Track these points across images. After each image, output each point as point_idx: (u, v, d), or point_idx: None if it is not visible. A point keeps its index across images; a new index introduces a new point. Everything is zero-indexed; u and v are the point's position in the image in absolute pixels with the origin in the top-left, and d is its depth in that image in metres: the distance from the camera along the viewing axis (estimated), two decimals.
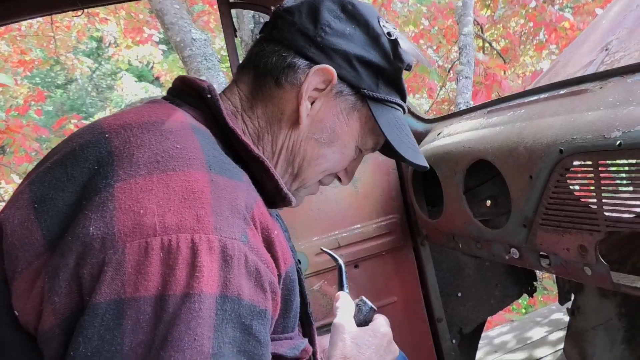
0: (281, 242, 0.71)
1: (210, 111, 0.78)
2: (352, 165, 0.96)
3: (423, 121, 1.85)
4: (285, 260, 0.72)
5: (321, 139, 0.86)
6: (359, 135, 0.90)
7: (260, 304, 0.62)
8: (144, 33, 6.83)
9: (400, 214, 1.86)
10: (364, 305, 1.02)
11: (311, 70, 0.81)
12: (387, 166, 1.86)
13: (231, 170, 0.67)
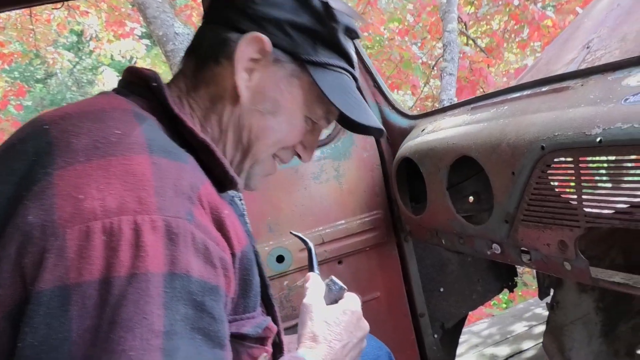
0: (233, 222, 0.72)
1: (156, 99, 0.78)
2: (309, 140, 0.94)
3: (407, 117, 1.85)
4: (239, 240, 0.73)
5: (264, 110, 0.84)
6: (304, 103, 0.87)
7: (211, 280, 0.62)
8: (126, 27, 6.73)
9: (384, 209, 1.87)
10: (333, 285, 1.02)
11: (241, 41, 0.80)
12: (372, 162, 1.86)
13: (175, 153, 0.67)
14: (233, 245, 0.71)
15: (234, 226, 0.72)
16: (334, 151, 1.82)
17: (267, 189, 1.74)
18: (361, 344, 0.94)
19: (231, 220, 0.71)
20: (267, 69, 0.83)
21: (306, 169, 1.78)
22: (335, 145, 1.82)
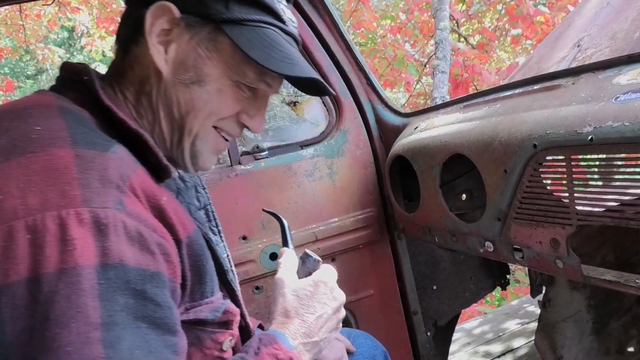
0: (175, 209, 0.73)
1: (89, 92, 0.77)
2: (252, 107, 0.88)
3: (400, 115, 1.86)
4: (184, 226, 0.74)
5: (188, 81, 0.81)
6: (228, 67, 0.82)
7: (150, 266, 0.62)
8: (117, 23, 6.68)
9: (378, 207, 1.87)
10: (307, 258, 0.99)
11: (147, 13, 0.78)
12: (365, 160, 1.86)
13: (102, 144, 0.67)
14: (177, 231, 0.71)
15: (176, 213, 0.72)
16: (327, 149, 1.82)
17: (259, 187, 1.73)
18: (338, 315, 0.93)
19: (172, 207, 0.72)
20: (181, 38, 0.80)
21: (299, 167, 1.78)
22: (329, 143, 1.82)
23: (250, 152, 1.76)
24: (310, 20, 1.74)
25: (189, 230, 0.75)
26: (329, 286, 0.93)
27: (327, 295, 0.91)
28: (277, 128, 2.41)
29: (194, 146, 0.85)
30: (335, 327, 0.93)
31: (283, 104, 2.25)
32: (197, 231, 0.78)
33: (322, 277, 0.93)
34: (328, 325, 0.90)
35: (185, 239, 0.73)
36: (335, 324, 0.93)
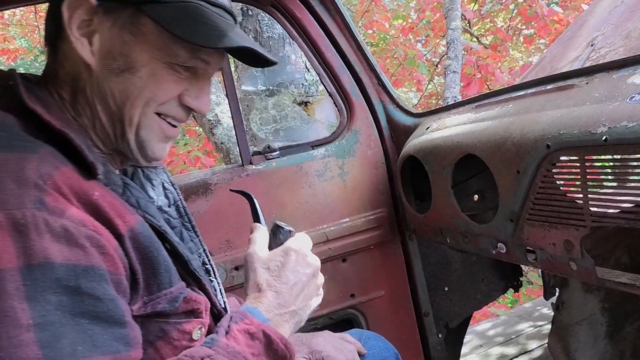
0: (112, 203, 0.73)
1: (14, 97, 0.76)
2: (194, 88, 0.85)
3: (411, 115, 1.85)
4: (124, 219, 0.73)
5: (118, 70, 0.79)
6: (157, 49, 0.79)
7: (81, 261, 0.62)
8: None
9: (389, 207, 1.86)
10: (278, 230, 0.97)
11: (63, 7, 0.76)
12: (376, 160, 1.86)
13: (20, 146, 0.67)
14: (116, 225, 0.71)
15: (113, 207, 0.72)
16: (338, 149, 1.81)
17: (270, 187, 1.74)
18: (315, 280, 0.92)
19: (108, 202, 0.72)
20: (103, 26, 0.78)
21: (311, 167, 1.78)
22: (340, 143, 1.82)
23: (262, 152, 1.76)
24: (322, 21, 1.74)
25: (131, 223, 0.74)
26: (301, 253, 0.92)
27: (300, 263, 0.90)
28: (288, 128, 2.41)
29: (138, 136, 0.83)
30: (314, 293, 0.92)
31: (294, 104, 2.26)
32: (143, 224, 0.77)
33: (293, 245, 0.92)
34: (305, 293, 0.89)
35: (127, 232, 0.73)
36: (314, 290, 0.92)
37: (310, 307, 0.91)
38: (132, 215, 0.76)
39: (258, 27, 2.69)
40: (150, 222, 0.80)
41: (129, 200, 0.80)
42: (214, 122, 3.36)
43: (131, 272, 0.73)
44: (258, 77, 2.58)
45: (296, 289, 0.88)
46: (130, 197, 0.81)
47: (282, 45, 2.68)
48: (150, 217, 0.80)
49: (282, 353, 0.81)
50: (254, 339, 0.79)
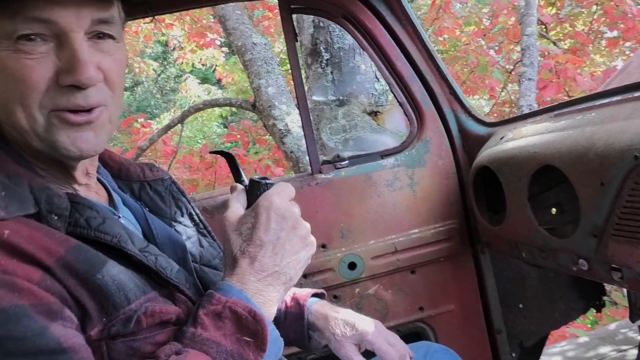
0: (30, 237, 0.70)
1: None
2: (60, 62, 0.75)
3: (484, 124, 1.80)
4: (49, 250, 0.70)
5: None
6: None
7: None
8: (207, 37, 7.04)
9: (460, 219, 1.82)
10: (254, 186, 0.89)
11: None
12: (447, 170, 1.82)
13: None
14: (39, 258, 0.69)
15: (32, 240, 0.70)
16: (408, 159, 1.79)
17: (339, 196, 1.75)
18: (296, 232, 0.84)
19: (24, 237, 0.70)
20: None
21: (380, 176, 1.77)
22: (410, 152, 1.80)
23: (331, 161, 1.78)
24: (393, 31, 1.74)
25: (59, 252, 0.71)
26: (274, 207, 0.83)
27: (273, 219, 0.83)
28: (357, 137, 2.42)
29: (43, 141, 0.78)
30: (300, 246, 0.85)
31: (364, 113, 2.26)
32: (78, 249, 0.73)
33: (263, 201, 0.85)
34: (288, 249, 0.83)
35: (55, 262, 0.70)
36: (299, 242, 0.85)
37: (299, 261, 0.85)
38: (61, 244, 0.72)
39: (329, 38, 2.73)
40: (101, 239, 0.77)
41: (76, 221, 0.77)
42: (284, 132, 3.43)
43: (73, 299, 0.71)
44: (328, 87, 2.61)
45: (278, 246, 0.82)
46: (79, 218, 0.78)
47: (352, 55, 2.70)
48: (103, 234, 0.77)
49: (253, 327, 0.76)
50: (222, 319, 0.75)
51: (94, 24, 0.78)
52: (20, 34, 0.73)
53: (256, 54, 3.77)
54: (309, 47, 2.84)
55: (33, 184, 0.77)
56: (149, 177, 1.05)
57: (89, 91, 0.77)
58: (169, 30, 7.36)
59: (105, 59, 0.81)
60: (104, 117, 0.82)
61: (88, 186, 0.91)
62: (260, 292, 0.80)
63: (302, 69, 2.34)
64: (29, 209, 0.74)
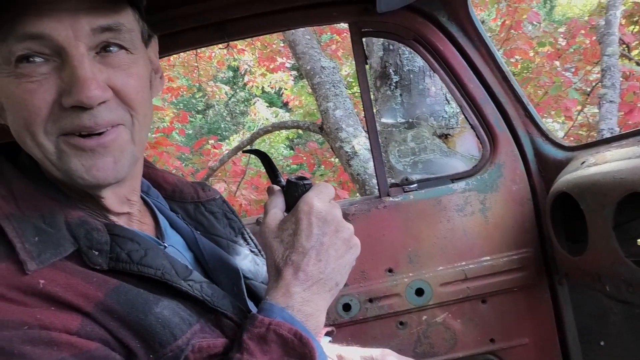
0: (67, 284, 0.68)
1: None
2: (65, 83, 0.69)
3: (563, 148, 1.71)
4: (87, 296, 0.68)
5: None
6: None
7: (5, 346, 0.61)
8: (277, 61, 7.25)
9: (535, 248, 1.73)
10: (292, 188, 0.84)
11: None
12: (522, 196, 1.74)
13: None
14: (77, 305, 0.67)
15: (70, 288, 0.68)
16: (480, 183, 1.74)
17: (408, 220, 1.72)
18: (340, 235, 0.81)
19: (61, 285, 0.68)
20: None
21: (450, 201, 1.72)
22: (482, 177, 1.74)
23: (399, 184, 1.76)
24: (465, 52, 1.71)
25: (98, 297, 0.69)
26: (315, 211, 0.80)
27: (314, 224, 0.79)
28: (427, 160, 2.38)
29: (57, 168, 0.74)
30: (344, 250, 0.81)
31: (434, 136, 2.22)
32: (118, 290, 0.71)
33: (302, 205, 0.81)
34: (332, 254, 0.79)
35: (95, 308, 0.68)
36: (343, 246, 0.81)
37: (344, 265, 0.82)
38: (99, 288, 0.70)
39: (398, 60, 2.73)
40: (144, 273, 0.74)
41: (118, 256, 0.74)
42: (351, 154, 3.44)
43: (117, 340, 0.70)
44: (397, 110, 2.60)
45: (317, 254, 0.78)
46: (120, 252, 0.75)
47: (422, 78, 2.69)
48: (146, 267, 0.75)
49: (300, 350, 0.72)
50: (267, 343, 0.72)
51: (95, 33, 0.71)
52: (18, 56, 0.68)
53: (324, 77, 3.83)
54: (378, 69, 2.85)
55: (70, 220, 0.74)
56: (203, 198, 1.04)
57: (97, 110, 0.71)
58: (241, 55, 7.64)
59: (117, 74, 0.74)
60: (122, 138, 0.76)
61: (130, 215, 0.87)
62: (307, 302, 0.77)
63: (371, 91, 2.35)
64: (66, 250, 0.72)
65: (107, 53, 0.73)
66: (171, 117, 8.16)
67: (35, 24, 0.67)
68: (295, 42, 4.08)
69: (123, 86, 0.74)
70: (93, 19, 0.70)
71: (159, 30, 1.66)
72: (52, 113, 0.70)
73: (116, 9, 0.73)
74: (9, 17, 0.67)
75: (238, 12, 1.65)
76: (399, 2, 1.58)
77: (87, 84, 0.68)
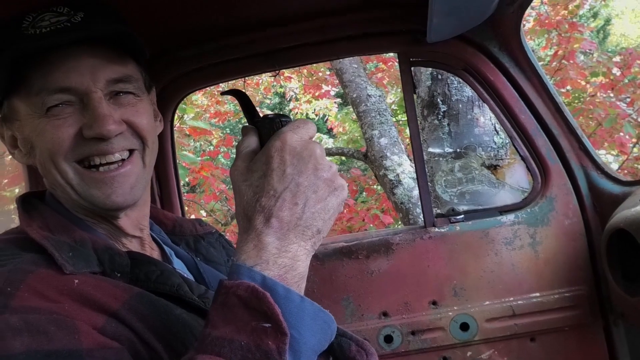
0: (97, 285, 0.76)
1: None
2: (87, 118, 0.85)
3: (620, 183, 1.65)
4: (115, 296, 0.75)
5: (15, 134, 0.91)
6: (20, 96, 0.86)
7: (44, 346, 0.65)
8: (322, 89, 7.36)
9: (589, 286, 1.66)
10: (266, 123, 0.74)
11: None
12: (575, 231, 1.68)
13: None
14: (106, 303, 0.74)
15: (99, 289, 0.76)
16: (530, 216, 1.69)
17: (453, 251, 1.68)
18: (320, 173, 0.71)
19: (92, 285, 0.76)
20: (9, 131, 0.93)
21: (498, 233, 1.68)
22: (532, 210, 1.69)
23: (446, 215, 1.73)
24: (517, 83, 1.68)
25: (125, 297, 0.76)
26: (289, 147, 0.70)
27: (288, 161, 0.70)
28: (474, 191, 2.34)
29: (78, 192, 0.87)
30: (327, 191, 0.71)
31: (482, 167, 2.19)
32: (141, 295, 0.78)
33: (274, 141, 0.71)
34: (310, 196, 0.70)
35: (122, 306, 0.75)
36: (324, 187, 0.71)
37: (327, 210, 0.72)
38: (126, 291, 0.78)
39: (447, 90, 2.72)
40: (160, 290, 0.82)
41: (137, 276, 0.83)
42: (395, 182, 3.43)
43: (142, 341, 0.74)
44: (444, 139, 2.58)
45: (292, 197, 0.69)
46: (139, 273, 0.84)
47: (470, 108, 2.66)
48: (162, 284, 0.83)
49: (260, 308, 0.63)
50: (230, 309, 0.65)
51: (109, 84, 0.88)
52: (49, 106, 0.84)
53: (370, 106, 3.85)
54: (425, 99, 2.85)
55: (96, 247, 0.84)
56: (201, 231, 1.14)
57: (113, 140, 0.87)
58: (287, 83, 7.80)
59: (128, 111, 0.90)
60: (137, 165, 0.91)
61: (142, 240, 0.98)
62: (283, 252, 0.68)
63: (418, 120, 2.34)
64: (94, 267, 0.81)
65: (118, 96, 0.90)
66: (217, 139, 8.36)
67: (64, 80, 0.84)
68: (342, 70, 4.14)
69: (134, 119, 0.90)
70: (108, 73, 0.88)
71: (210, 59, 1.74)
72: (75, 143, 0.85)
73: (124, 63, 0.91)
74: (41, 74, 0.84)
75: (288, 42, 1.69)
76: (450, 32, 1.58)
77: (106, 119, 0.84)
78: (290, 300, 0.66)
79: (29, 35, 0.85)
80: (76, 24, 0.86)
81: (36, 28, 0.85)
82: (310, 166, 0.71)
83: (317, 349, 0.68)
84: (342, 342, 0.84)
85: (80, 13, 0.87)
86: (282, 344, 0.62)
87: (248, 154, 0.75)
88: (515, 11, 1.50)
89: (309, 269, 0.72)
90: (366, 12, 1.63)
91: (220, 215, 6.07)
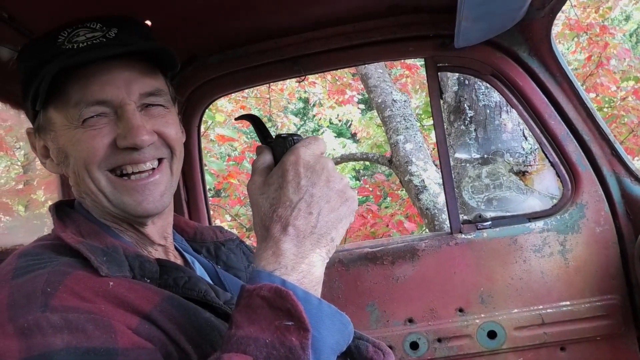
0: (130, 287, 0.79)
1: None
2: (121, 129, 0.88)
3: None
4: (148, 298, 0.78)
5: (48, 144, 0.94)
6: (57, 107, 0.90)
7: (83, 343, 0.68)
8: (346, 94, 7.35)
9: (622, 295, 1.62)
10: (280, 142, 0.80)
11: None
12: (606, 239, 1.64)
13: (35, 266, 0.79)
14: (139, 305, 0.77)
15: (132, 291, 0.79)
16: (560, 223, 1.66)
17: (480, 258, 1.67)
18: (333, 184, 0.76)
19: (126, 287, 0.79)
20: (42, 142, 0.96)
21: (526, 240, 1.66)
22: (562, 217, 1.66)
23: (472, 221, 1.71)
24: (546, 88, 1.66)
25: (155, 300, 0.79)
26: (302, 161, 0.76)
27: (302, 174, 0.75)
28: (502, 198, 2.31)
29: (109, 200, 0.90)
30: (339, 201, 0.76)
31: (510, 173, 2.16)
32: (172, 298, 0.82)
33: (289, 156, 0.77)
34: (323, 206, 0.74)
35: (154, 308, 0.78)
36: (336, 198, 0.76)
37: (340, 219, 0.76)
38: (157, 294, 0.81)
39: (474, 95, 2.70)
40: (188, 295, 0.85)
41: (165, 282, 0.86)
42: (421, 188, 3.40)
43: (173, 342, 0.76)
44: (471, 145, 2.55)
45: (307, 207, 0.73)
46: (168, 279, 0.87)
47: (498, 113, 2.63)
48: (189, 290, 0.85)
49: (284, 307, 0.67)
50: (254, 310, 0.68)
51: (142, 97, 0.92)
52: (86, 118, 0.89)
53: (395, 111, 3.84)
54: (452, 104, 2.82)
55: (127, 254, 0.88)
56: (221, 238, 1.15)
57: (145, 149, 0.90)
58: (312, 88, 7.83)
59: (158, 122, 0.93)
60: (166, 173, 0.94)
61: (166, 248, 1.01)
62: (301, 258, 0.72)
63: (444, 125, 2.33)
64: (126, 272, 0.84)
65: (149, 108, 0.94)
66: (243, 145, 8.43)
67: (100, 93, 0.89)
68: (367, 75, 4.14)
69: (164, 130, 0.94)
70: (141, 86, 0.92)
71: (238, 64, 1.76)
72: (109, 152, 0.89)
73: (155, 76, 0.96)
74: (78, 87, 0.89)
75: (314, 48, 1.70)
76: (478, 38, 1.57)
77: (140, 130, 0.88)
78: (309, 302, 0.69)
79: (66, 49, 0.90)
80: (111, 39, 0.92)
81: (72, 43, 0.90)
82: (323, 178, 0.76)
83: (335, 348, 0.71)
84: (359, 344, 0.89)
85: (113, 29, 0.93)
86: (305, 339, 0.66)
87: (264, 169, 0.81)
88: (546, 15, 1.48)
89: (334, 274, 0.76)
90: (393, 18, 1.63)
91: (245, 219, 6.12)
